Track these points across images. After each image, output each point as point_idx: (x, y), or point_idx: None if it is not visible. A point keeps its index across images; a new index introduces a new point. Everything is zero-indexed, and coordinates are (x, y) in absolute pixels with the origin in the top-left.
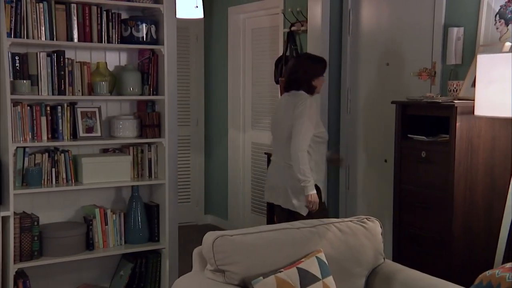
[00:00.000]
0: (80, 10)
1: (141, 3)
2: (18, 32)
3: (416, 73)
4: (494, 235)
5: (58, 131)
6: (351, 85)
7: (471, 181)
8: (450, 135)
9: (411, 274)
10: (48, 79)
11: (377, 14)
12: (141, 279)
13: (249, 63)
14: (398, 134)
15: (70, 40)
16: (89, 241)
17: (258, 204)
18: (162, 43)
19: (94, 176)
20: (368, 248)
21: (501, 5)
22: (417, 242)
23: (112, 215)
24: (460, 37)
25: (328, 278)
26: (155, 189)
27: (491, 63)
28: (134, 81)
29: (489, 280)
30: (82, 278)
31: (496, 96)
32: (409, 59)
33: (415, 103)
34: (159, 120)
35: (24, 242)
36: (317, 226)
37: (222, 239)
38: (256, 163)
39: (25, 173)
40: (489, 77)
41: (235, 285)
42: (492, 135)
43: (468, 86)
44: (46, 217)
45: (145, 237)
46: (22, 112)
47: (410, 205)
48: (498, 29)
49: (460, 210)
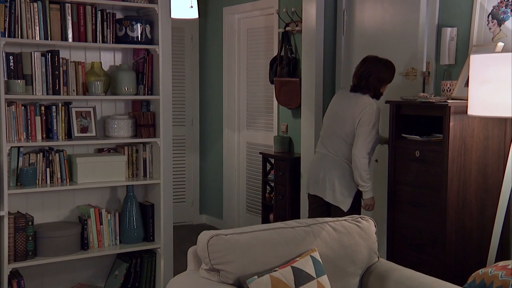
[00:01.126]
0: (74, 9)
1: (136, 3)
2: (12, 32)
3: (404, 72)
4: (487, 234)
5: (53, 131)
6: (345, 85)
7: (464, 180)
8: (443, 135)
9: (405, 273)
10: (43, 79)
11: (371, 15)
12: (136, 278)
13: (244, 63)
14: (392, 133)
15: (65, 39)
16: (84, 241)
17: (253, 203)
18: (157, 43)
19: (89, 176)
20: (362, 247)
21: (494, 5)
22: (411, 241)
23: (107, 215)
24: (454, 37)
25: (323, 277)
26: (150, 189)
27: (484, 63)
28: (129, 81)
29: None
30: (76, 278)
31: (489, 96)
32: (402, 59)
33: (409, 103)
34: (154, 120)
35: (19, 242)
36: (311, 226)
37: (217, 239)
38: (251, 163)
39: (20, 173)
40: (482, 77)
41: (230, 284)
42: (485, 134)
43: (461, 86)
44: (41, 217)
45: (140, 237)
46: (16, 112)
47: (404, 204)
48: (491, 29)
49: (453, 209)
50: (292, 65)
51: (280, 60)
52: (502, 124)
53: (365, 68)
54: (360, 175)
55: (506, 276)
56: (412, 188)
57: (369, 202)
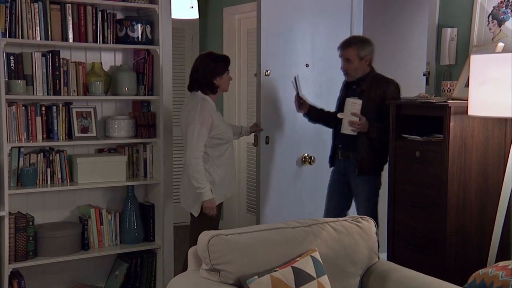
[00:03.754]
0: (75, 10)
1: (136, 3)
2: (13, 32)
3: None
4: (487, 234)
5: (53, 131)
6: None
7: (465, 180)
8: (444, 135)
9: (405, 273)
10: (43, 79)
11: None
12: (136, 279)
13: (244, 63)
14: (392, 134)
15: (65, 40)
16: (84, 241)
17: (253, 204)
18: (157, 43)
19: (89, 176)
20: (362, 247)
21: (494, 6)
22: (411, 241)
23: (107, 215)
24: (454, 38)
25: (323, 277)
26: (150, 189)
27: (484, 63)
28: (129, 81)
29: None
30: (77, 278)
31: (489, 96)
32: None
33: (409, 103)
34: (154, 120)
35: (19, 242)
36: (312, 226)
37: (217, 239)
38: (251, 163)
39: (20, 173)
40: (482, 77)
41: (230, 284)
42: (485, 135)
43: (461, 86)
44: (41, 217)
45: (140, 237)
46: (17, 112)
47: (404, 205)
48: (491, 29)
49: (454, 209)
50: None
51: None
52: (503, 124)
53: (193, 65)
54: (193, 177)
55: (507, 276)
56: (413, 188)
57: (207, 205)
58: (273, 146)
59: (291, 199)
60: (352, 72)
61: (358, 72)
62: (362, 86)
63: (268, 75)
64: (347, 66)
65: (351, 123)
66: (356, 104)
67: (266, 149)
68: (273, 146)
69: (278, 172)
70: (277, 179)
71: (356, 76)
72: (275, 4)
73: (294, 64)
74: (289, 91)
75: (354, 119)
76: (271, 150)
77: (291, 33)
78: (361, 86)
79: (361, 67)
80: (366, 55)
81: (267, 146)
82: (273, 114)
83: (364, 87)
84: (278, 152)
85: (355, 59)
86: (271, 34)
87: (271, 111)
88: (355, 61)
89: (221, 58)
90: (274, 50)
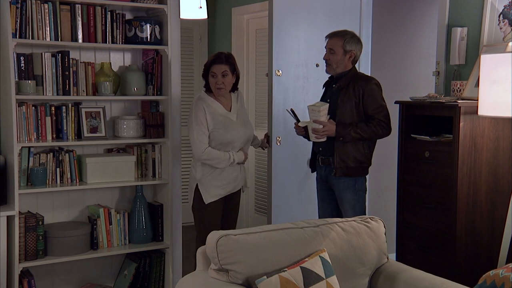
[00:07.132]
0: (84, 10)
1: (145, 3)
2: (23, 33)
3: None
4: (497, 235)
5: (63, 131)
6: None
7: (475, 181)
8: (453, 135)
9: (414, 274)
10: (53, 80)
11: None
12: (145, 278)
13: (253, 63)
14: (401, 134)
15: (75, 40)
16: (93, 240)
17: (261, 204)
18: (166, 44)
19: (98, 176)
20: (371, 248)
21: (505, 5)
22: (420, 242)
23: (116, 214)
24: (464, 37)
25: (332, 278)
26: (159, 189)
27: (495, 63)
28: (138, 81)
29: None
30: (86, 278)
31: (499, 96)
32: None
33: (418, 103)
34: (163, 120)
35: (29, 242)
36: (320, 226)
37: (226, 239)
38: (259, 163)
39: (30, 173)
40: (493, 77)
41: (239, 284)
42: (496, 135)
43: (471, 86)
44: (51, 217)
45: (149, 237)
46: (27, 112)
47: (413, 205)
48: (502, 29)
49: (464, 210)
50: None
51: None
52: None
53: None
54: (216, 164)
55: None
56: (422, 189)
57: (245, 158)
58: (284, 147)
59: (301, 199)
60: (334, 63)
61: (339, 66)
62: (340, 82)
63: (280, 75)
64: (329, 56)
65: (314, 131)
66: (316, 112)
67: (277, 149)
68: (284, 147)
69: (288, 173)
70: (287, 179)
71: (337, 71)
72: (287, 4)
73: (305, 64)
74: (300, 91)
75: (316, 126)
76: (282, 151)
77: (301, 33)
78: (339, 82)
79: (343, 61)
80: (351, 50)
81: (278, 147)
82: (284, 114)
83: (342, 83)
84: (289, 152)
85: (339, 50)
86: (282, 34)
87: (282, 111)
88: (339, 53)
89: (209, 59)
90: (285, 50)
